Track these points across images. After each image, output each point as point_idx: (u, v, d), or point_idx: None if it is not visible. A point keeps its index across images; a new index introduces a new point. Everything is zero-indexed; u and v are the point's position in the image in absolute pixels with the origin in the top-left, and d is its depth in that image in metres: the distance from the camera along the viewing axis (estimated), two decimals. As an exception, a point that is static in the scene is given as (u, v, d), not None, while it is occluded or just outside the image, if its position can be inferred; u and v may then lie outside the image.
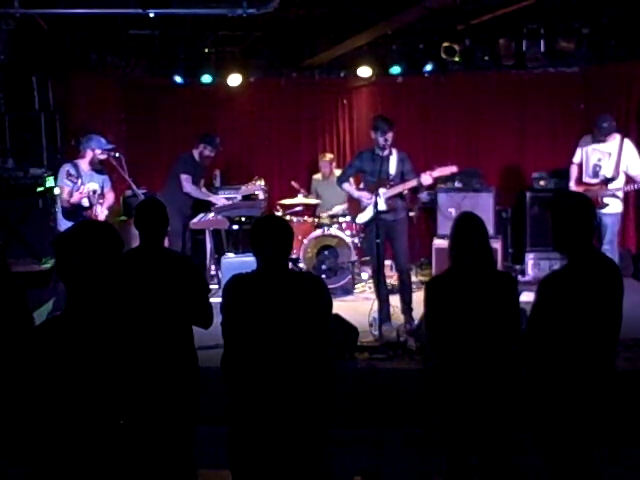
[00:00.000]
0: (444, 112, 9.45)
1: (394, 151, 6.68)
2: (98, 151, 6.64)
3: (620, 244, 8.00)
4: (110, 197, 6.87)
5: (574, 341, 3.24)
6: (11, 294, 3.70)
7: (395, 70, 8.94)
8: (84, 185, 6.43)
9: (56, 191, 6.76)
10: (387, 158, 6.62)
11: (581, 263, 3.30)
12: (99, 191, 6.70)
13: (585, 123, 8.93)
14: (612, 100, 8.71)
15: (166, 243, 4.40)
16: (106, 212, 6.80)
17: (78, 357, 2.28)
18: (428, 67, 8.83)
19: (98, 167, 6.71)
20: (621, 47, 8.27)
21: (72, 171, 6.45)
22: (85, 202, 6.52)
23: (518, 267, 8.60)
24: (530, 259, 8.57)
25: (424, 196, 8.73)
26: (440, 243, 8.18)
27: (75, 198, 6.42)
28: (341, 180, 7.12)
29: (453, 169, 6.70)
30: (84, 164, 6.63)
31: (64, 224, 6.59)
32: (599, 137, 7.40)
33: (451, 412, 3.68)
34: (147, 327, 3.56)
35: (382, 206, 6.61)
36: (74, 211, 6.51)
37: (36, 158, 7.52)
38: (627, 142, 7.40)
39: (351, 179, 7.12)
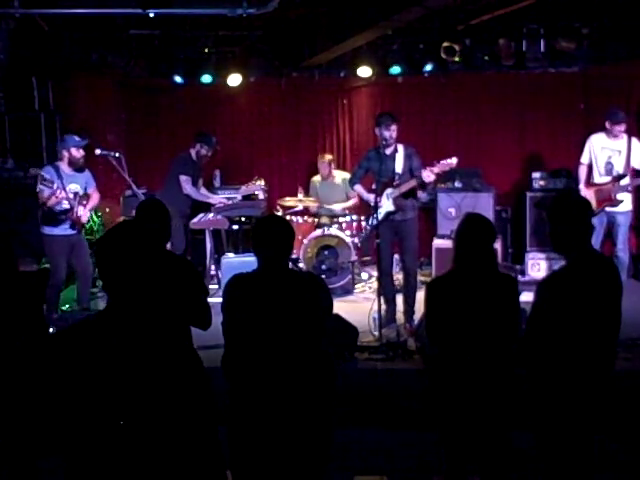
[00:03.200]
0: (444, 112, 9.45)
1: (400, 148, 6.62)
2: (73, 149, 6.60)
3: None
4: (95, 197, 6.83)
5: (573, 341, 3.24)
6: (22, 295, 3.71)
7: (395, 70, 8.94)
8: (60, 189, 6.38)
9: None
10: (392, 156, 6.58)
11: (579, 263, 3.30)
12: (81, 192, 6.65)
13: (585, 123, 8.94)
14: (612, 100, 8.70)
15: (168, 245, 4.38)
16: (89, 213, 6.77)
17: (120, 359, 2.25)
18: (428, 67, 8.83)
19: (79, 165, 6.67)
20: (621, 47, 8.27)
21: (47, 176, 6.38)
22: (65, 204, 6.51)
23: (518, 267, 8.59)
24: (530, 259, 8.57)
25: (424, 196, 8.72)
26: (440, 243, 8.17)
27: (51, 202, 6.39)
28: (352, 182, 7.09)
29: (453, 163, 6.55)
30: (64, 166, 6.60)
31: (45, 228, 6.58)
32: (612, 126, 7.31)
33: (451, 412, 3.68)
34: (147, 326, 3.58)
35: (389, 207, 6.57)
36: (52, 214, 6.50)
37: (36, 158, 7.54)
38: (634, 140, 7.41)
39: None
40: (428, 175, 6.41)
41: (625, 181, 7.30)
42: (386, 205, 6.56)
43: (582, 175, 7.65)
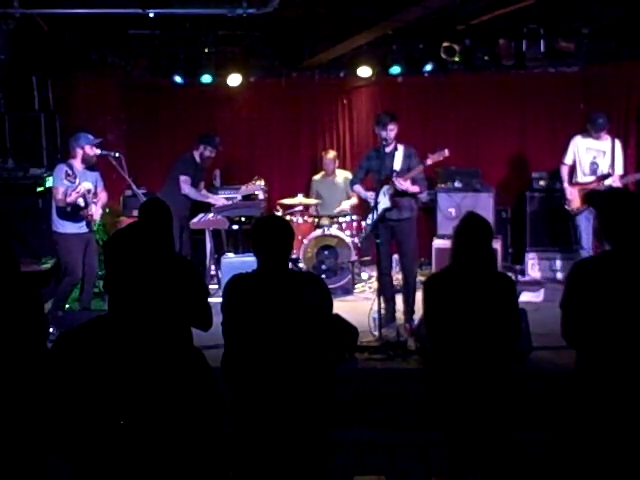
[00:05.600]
0: (444, 112, 9.45)
1: (401, 147, 6.63)
2: (87, 147, 6.62)
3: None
4: (103, 196, 6.85)
5: (605, 328, 3.22)
6: (23, 295, 3.71)
7: (395, 70, 8.94)
8: (81, 185, 6.42)
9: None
10: (392, 154, 6.58)
11: (614, 253, 3.30)
12: (93, 190, 6.68)
13: (585, 123, 8.94)
14: (612, 100, 8.72)
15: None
16: (100, 211, 6.79)
17: (124, 360, 2.25)
18: (428, 67, 8.84)
19: (92, 162, 6.68)
20: (621, 47, 8.28)
21: (70, 171, 6.43)
22: (81, 201, 6.51)
23: (518, 267, 8.60)
24: (530, 259, 8.57)
25: (424, 196, 8.72)
26: (440, 243, 8.17)
27: (72, 198, 6.39)
28: (353, 183, 7.13)
29: (445, 153, 6.56)
30: (77, 163, 6.61)
31: (60, 224, 6.58)
32: (593, 133, 7.52)
33: (451, 412, 3.68)
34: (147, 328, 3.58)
35: (386, 203, 6.57)
36: (70, 211, 6.51)
37: (36, 158, 7.53)
38: (617, 143, 7.62)
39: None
40: (400, 183, 6.45)
41: (609, 181, 7.40)
42: (383, 202, 6.56)
43: (565, 175, 7.84)
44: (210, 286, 7.45)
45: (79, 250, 6.61)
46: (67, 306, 7.11)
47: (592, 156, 7.59)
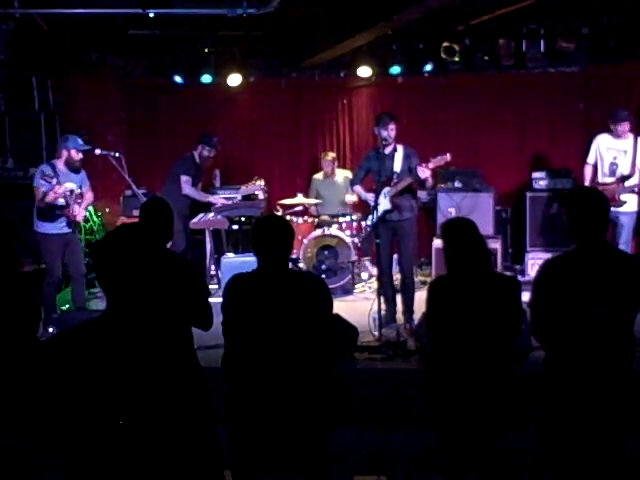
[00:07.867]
0: (444, 112, 9.45)
1: (400, 148, 6.63)
2: (73, 151, 6.60)
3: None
4: (89, 196, 6.84)
5: (569, 327, 3.24)
6: (22, 293, 3.70)
7: (395, 70, 8.94)
8: (60, 185, 6.40)
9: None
10: (391, 155, 6.58)
11: (580, 253, 3.30)
12: (77, 190, 6.66)
13: (585, 123, 8.95)
14: (612, 100, 8.71)
15: (168, 244, 4.37)
16: (84, 212, 6.78)
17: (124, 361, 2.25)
18: (428, 67, 8.84)
19: (75, 166, 6.68)
20: (621, 47, 8.28)
21: (47, 171, 6.41)
22: (61, 201, 6.51)
23: (518, 267, 8.60)
24: (530, 259, 8.56)
25: (424, 196, 8.73)
26: (440, 243, 8.08)
27: (50, 198, 6.38)
28: (353, 183, 7.13)
29: (447, 158, 6.53)
30: (60, 164, 6.60)
31: (39, 224, 6.57)
32: (615, 126, 7.31)
33: (449, 412, 3.67)
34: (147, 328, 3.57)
35: (386, 205, 6.57)
36: (49, 211, 6.49)
37: (36, 158, 7.54)
38: None
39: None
40: (423, 171, 6.39)
41: (630, 182, 7.29)
42: (383, 204, 6.56)
43: (587, 175, 7.64)
44: (210, 286, 7.44)
45: (58, 251, 6.60)
46: (67, 306, 7.12)
47: (612, 156, 7.40)
